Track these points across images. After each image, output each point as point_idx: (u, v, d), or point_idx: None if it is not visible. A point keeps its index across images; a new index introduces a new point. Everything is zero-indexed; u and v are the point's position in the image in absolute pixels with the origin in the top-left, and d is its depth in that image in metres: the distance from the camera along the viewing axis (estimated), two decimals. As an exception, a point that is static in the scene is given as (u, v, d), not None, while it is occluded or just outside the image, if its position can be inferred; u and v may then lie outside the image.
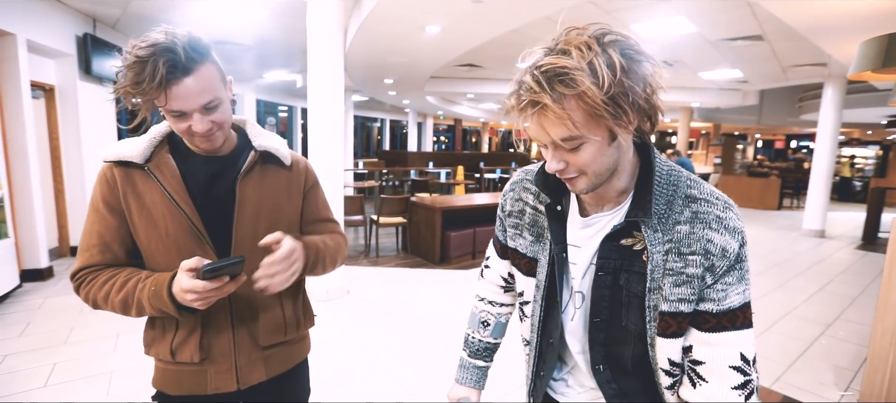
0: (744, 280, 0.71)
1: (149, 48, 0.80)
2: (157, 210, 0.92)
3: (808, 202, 7.66)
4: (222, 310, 0.97)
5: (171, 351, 0.96)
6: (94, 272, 0.93)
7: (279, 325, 1.05)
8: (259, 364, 1.03)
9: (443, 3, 3.75)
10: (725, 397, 0.70)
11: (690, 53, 6.43)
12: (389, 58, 6.34)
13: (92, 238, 0.93)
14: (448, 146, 24.50)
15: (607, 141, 0.66)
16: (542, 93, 0.60)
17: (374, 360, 2.84)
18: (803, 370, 2.87)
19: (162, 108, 0.85)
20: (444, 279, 4.65)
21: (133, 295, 0.88)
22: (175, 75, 0.81)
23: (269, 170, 1.02)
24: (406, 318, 3.53)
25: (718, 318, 0.70)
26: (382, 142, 20.62)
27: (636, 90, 0.61)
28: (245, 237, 0.96)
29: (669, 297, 0.70)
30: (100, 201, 0.93)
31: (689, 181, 0.74)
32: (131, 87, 0.81)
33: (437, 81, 9.58)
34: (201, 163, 0.97)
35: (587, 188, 0.71)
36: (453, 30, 4.61)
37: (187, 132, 0.89)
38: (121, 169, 0.93)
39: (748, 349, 0.70)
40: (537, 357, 0.90)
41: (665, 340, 0.73)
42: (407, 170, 12.25)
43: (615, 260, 0.76)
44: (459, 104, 15.43)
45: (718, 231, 0.69)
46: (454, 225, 5.40)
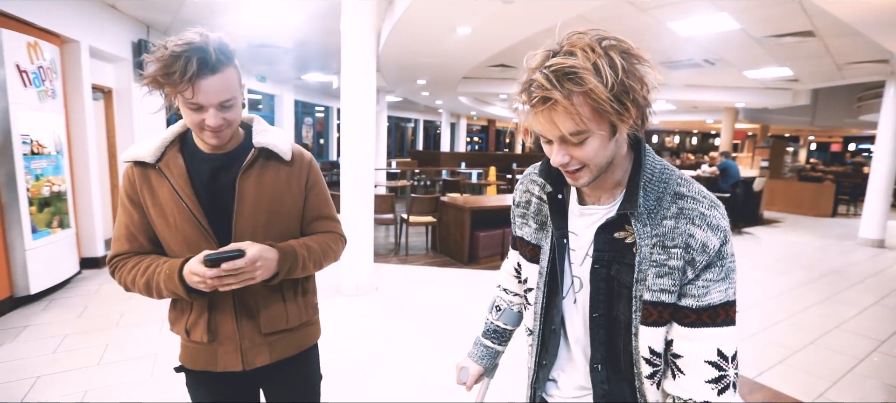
0: (727, 279, 0.74)
1: (185, 46, 0.89)
2: (167, 205, 1.01)
3: (865, 209, 7.15)
4: (227, 298, 1.06)
5: (186, 330, 1.07)
6: (124, 259, 1.05)
7: (280, 315, 1.12)
8: (263, 348, 1.11)
9: (473, 4, 3.77)
10: (698, 390, 0.74)
11: (734, 51, 6.15)
12: (422, 59, 6.42)
13: (121, 229, 1.06)
14: (481, 146, 24.46)
15: (609, 135, 0.71)
16: (553, 89, 0.65)
17: (400, 356, 2.90)
18: (850, 387, 2.70)
19: (184, 100, 0.93)
20: (471, 278, 4.67)
21: (153, 278, 0.99)
22: (203, 72, 0.90)
23: (270, 166, 1.09)
24: (433, 316, 3.58)
25: (698, 314, 0.73)
26: (416, 143, 20.83)
27: (636, 89, 0.66)
28: (245, 229, 1.04)
29: (652, 287, 0.74)
30: (124, 197, 1.05)
31: (679, 179, 0.78)
32: (162, 77, 0.90)
33: (469, 82, 9.61)
34: (206, 160, 1.05)
35: (588, 181, 0.76)
36: (484, 30, 4.62)
37: (199, 125, 0.97)
38: (138, 168, 1.04)
39: (727, 346, 0.73)
40: (540, 345, 0.93)
41: (647, 328, 0.76)
42: (439, 171, 12.34)
43: (609, 252, 0.80)
44: (493, 104, 15.38)
45: (700, 227, 0.72)
46: (483, 225, 5.40)
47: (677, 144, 24.35)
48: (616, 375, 0.83)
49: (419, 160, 14.76)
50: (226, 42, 0.95)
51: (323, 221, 1.19)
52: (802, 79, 7.79)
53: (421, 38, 5.14)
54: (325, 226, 1.19)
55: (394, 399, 2.42)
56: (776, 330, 3.52)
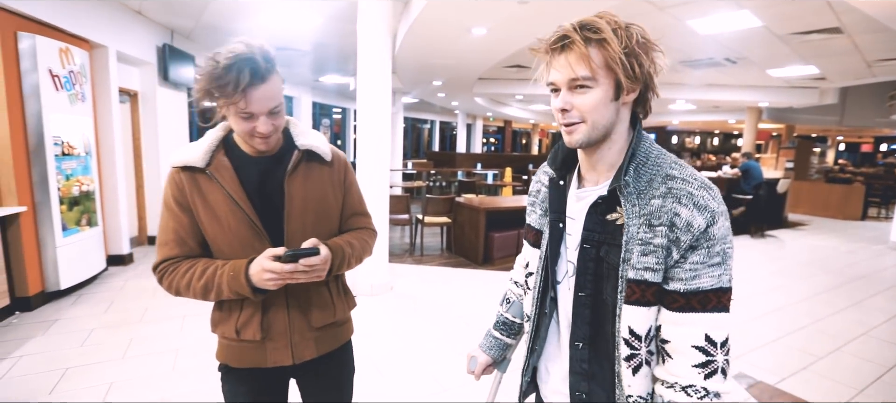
0: (719, 264, 0.72)
1: (234, 57, 0.92)
2: (220, 208, 1.04)
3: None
4: (279, 296, 1.10)
5: (236, 330, 1.09)
6: (174, 263, 1.06)
7: (329, 309, 1.17)
8: (310, 342, 1.15)
9: (488, 5, 3.78)
10: (684, 373, 0.74)
11: (756, 49, 5.99)
12: (437, 60, 6.44)
13: (168, 234, 1.06)
14: (498, 147, 24.37)
15: (611, 95, 0.75)
16: (574, 32, 0.73)
17: (414, 355, 2.92)
18: (877, 396, 2.60)
19: (236, 110, 0.96)
20: (486, 279, 4.66)
21: (213, 280, 1.02)
22: (254, 82, 0.93)
23: (313, 167, 1.13)
24: (447, 316, 3.59)
25: (687, 298, 0.73)
26: (432, 144, 20.89)
27: (644, 60, 0.74)
28: (296, 229, 1.08)
29: (636, 265, 0.75)
30: (172, 201, 1.06)
31: (673, 163, 0.78)
32: (216, 90, 0.93)
33: (485, 83, 9.60)
34: (252, 163, 1.08)
35: (583, 138, 0.78)
36: (499, 31, 4.62)
37: (250, 132, 1.00)
38: (187, 172, 1.05)
39: (717, 332, 0.72)
40: (533, 330, 0.94)
41: (629, 308, 0.76)
42: (454, 171, 12.35)
43: (599, 233, 0.80)
44: (509, 105, 15.33)
45: (687, 205, 0.72)
46: (498, 226, 5.39)
47: (698, 145, 23.83)
48: (598, 357, 0.82)
49: (435, 161, 14.81)
50: (268, 49, 0.97)
51: (359, 217, 1.24)
52: (830, 77, 7.54)
53: (436, 39, 5.17)
54: (360, 222, 1.24)
55: (407, 398, 2.44)
56: (799, 335, 3.42)
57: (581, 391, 0.84)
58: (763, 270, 5.36)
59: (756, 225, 7.50)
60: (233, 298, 1.04)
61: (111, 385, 2.43)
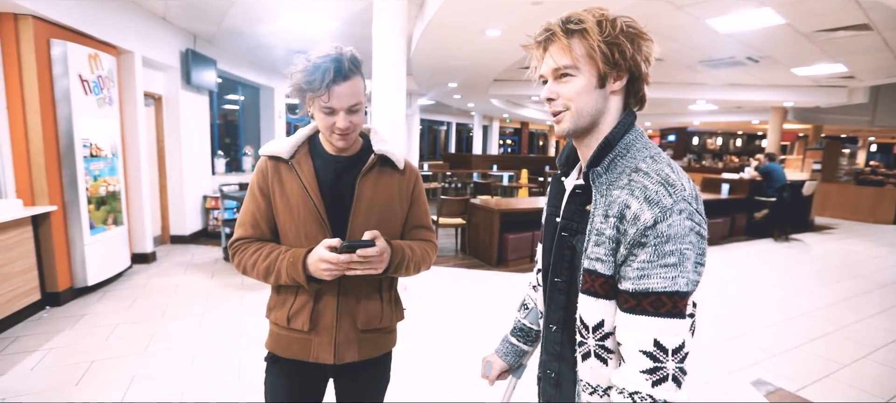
0: (675, 266, 0.69)
1: (323, 57, 1.02)
2: (293, 197, 1.12)
3: (931, 215, 6.59)
4: (331, 291, 1.14)
5: (288, 318, 1.15)
6: (246, 243, 1.16)
7: (376, 314, 1.19)
8: (354, 345, 1.18)
9: (502, 6, 3.79)
10: (631, 379, 0.71)
11: (780, 48, 5.83)
12: (452, 61, 6.47)
13: (246, 216, 1.17)
14: (514, 149, 24.26)
15: (595, 83, 0.77)
16: (555, 26, 0.77)
17: (426, 356, 2.94)
18: (905, 405, 2.51)
19: (319, 105, 1.05)
20: (500, 281, 4.66)
21: (274, 264, 1.09)
22: (337, 79, 1.02)
23: (385, 173, 1.19)
24: (460, 317, 3.60)
25: (637, 299, 0.71)
26: (448, 145, 20.93)
27: (628, 48, 0.75)
28: (359, 226, 1.13)
29: (590, 255, 0.76)
30: (255, 186, 1.16)
31: (648, 158, 0.77)
32: (305, 84, 1.03)
33: (501, 84, 9.58)
34: (331, 162, 1.16)
35: (570, 126, 0.80)
36: (513, 32, 4.61)
37: (330, 128, 1.07)
38: (272, 162, 1.15)
39: (668, 337, 0.69)
40: (545, 329, 0.94)
41: (582, 296, 0.77)
42: (470, 173, 12.35)
43: (576, 223, 0.81)
44: (526, 107, 15.25)
45: (638, 198, 0.71)
46: (513, 227, 5.37)
47: (719, 146, 23.25)
48: (571, 341, 0.84)
49: (451, 162, 14.82)
50: (356, 54, 1.07)
51: (421, 230, 1.28)
52: (859, 75, 7.28)
53: (451, 41, 5.19)
54: (422, 235, 1.28)
55: (419, 399, 2.46)
56: (823, 342, 3.31)
57: (552, 370, 0.88)
58: (786, 274, 5.21)
59: (780, 228, 7.28)
60: (289, 284, 1.11)
61: (133, 378, 2.51)
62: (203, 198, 6.00)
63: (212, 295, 3.84)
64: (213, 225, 6.00)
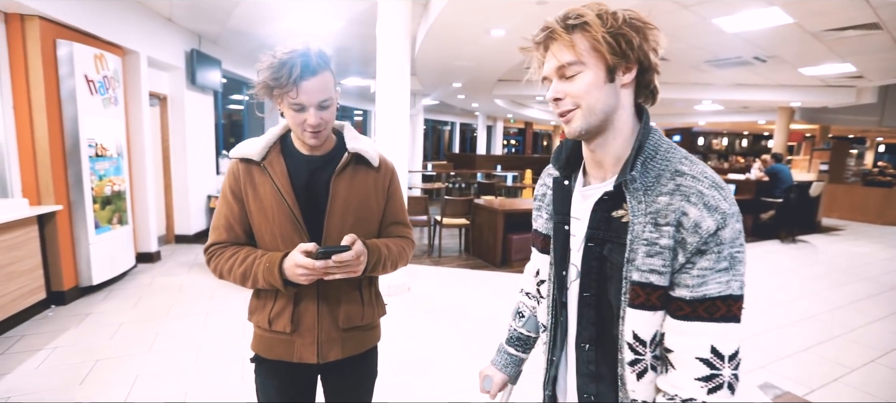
0: (728, 270, 0.68)
1: (289, 53, 1.00)
2: (267, 199, 1.10)
3: (941, 217, 6.51)
4: (310, 292, 1.13)
5: (269, 320, 1.14)
6: (221, 248, 1.14)
7: (357, 312, 1.19)
8: (337, 343, 1.17)
9: (507, 6, 3.77)
10: (686, 386, 0.69)
11: (788, 47, 5.77)
12: (456, 62, 6.46)
13: (220, 219, 1.14)
14: (518, 149, 24.21)
15: (604, 78, 0.73)
16: (554, 24, 0.74)
17: (430, 356, 2.92)
18: (917, 410, 2.47)
19: (288, 102, 1.03)
20: (503, 281, 4.64)
21: (251, 269, 1.08)
22: (305, 74, 1.00)
23: (360, 170, 1.17)
24: (464, 318, 3.59)
25: (693, 306, 0.68)
26: (452, 145, 20.91)
27: (634, 37, 0.71)
28: (335, 227, 1.12)
29: (641, 267, 0.71)
30: (227, 190, 1.14)
31: (683, 158, 0.74)
32: (271, 81, 1.01)
33: (505, 84, 9.55)
34: (304, 162, 1.14)
35: (581, 125, 0.75)
36: (518, 32, 4.59)
37: (301, 125, 1.05)
38: (244, 164, 1.13)
39: (724, 343, 0.68)
40: (552, 341, 0.91)
41: (633, 311, 0.72)
42: (474, 173, 12.33)
43: (604, 231, 0.77)
44: (530, 107, 15.21)
45: (696, 205, 0.68)
46: (516, 228, 5.35)
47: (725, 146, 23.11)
48: (606, 359, 0.79)
49: (455, 162, 14.81)
50: (324, 49, 1.05)
51: (398, 226, 1.27)
52: (868, 75, 7.20)
53: (455, 41, 5.18)
54: (399, 231, 1.27)
55: (422, 399, 2.45)
56: (832, 345, 3.27)
57: (589, 392, 0.82)
58: (793, 276, 5.16)
59: (787, 229, 7.21)
60: (267, 288, 1.10)
61: (137, 377, 2.52)
62: (207, 197, 6.02)
63: (215, 294, 3.85)
64: (218, 225, 6.01)
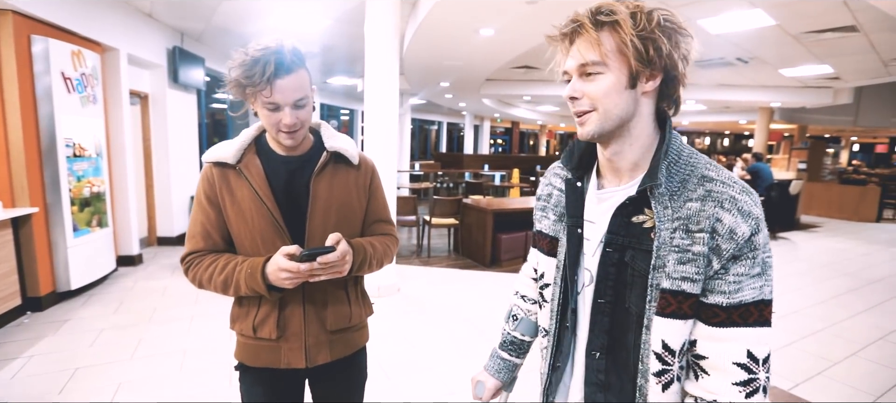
0: (761, 275, 0.68)
1: (262, 50, 0.96)
2: (245, 204, 1.06)
3: (914, 214, 6.73)
4: (296, 296, 1.10)
5: (253, 328, 1.10)
6: (199, 256, 1.08)
7: (345, 314, 1.16)
8: (325, 346, 1.14)
9: (497, 5, 3.76)
10: (724, 391, 0.68)
11: (769, 49, 5.91)
12: (445, 61, 6.44)
13: (196, 227, 1.09)
14: (505, 149, 24.31)
15: (626, 83, 0.71)
16: (584, 18, 0.70)
17: (421, 358, 2.90)
18: None
19: (262, 101, 0.99)
20: (493, 281, 4.64)
21: (232, 276, 1.03)
22: (279, 73, 0.97)
23: (340, 169, 1.14)
24: (454, 319, 3.57)
25: (728, 313, 0.68)
26: (439, 145, 20.90)
27: (664, 44, 0.68)
28: (317, 229, 1.09)
29: (672, 274, 0.69)
30: (202, 196, 1.09)
31: (708, 164, 0.73)
32: (244, 79, 0.96)
33: (492, 84, 9.57)
34: (281, 163, 1.10)
35: (595, 129, 0.73)
36: (507, 32, 4.60)
37: (276, 125, 1.01)
38: (218, 168, 1.08)
39: (759, 348, 0.67)
40: (555, 346, 0.88)
41: (663, 320, 0.70)
42: (461, 173, 12.33)
43: (623, 237, 0.75)
44: (517, 106, 15.28)
45: (730, 211, 0.67)
46: (506, 227, 5.36)
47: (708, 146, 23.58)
48: (615, 367, 0.78)
49: (442, 162, 14.79)
50: (298, 47, 1.02)
51: (382, 224, 1.25)
52: (844, 76, 7.41)
53: (444, 40, 5.16)
54: (382, 229, 1.25)
55: (413, 401, 2.43)
56: (814, 339, 3.35)
57: (596, 401, 0.80)
58: (776, 273, 5.18)
59: (768, 227, 7.38)
60: (250, 295, 1.06)
61: (120, 386, 2.44)
62: (190, 198, 5.88)
63: (200, 298, 3.76)
64: (202, 227, 5.88)
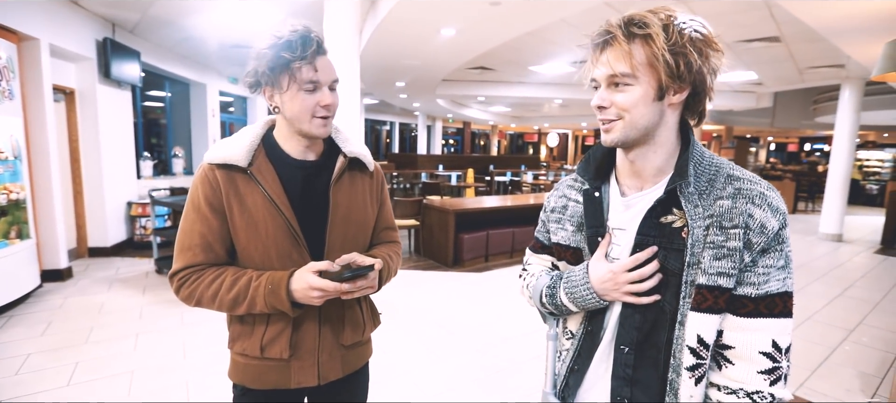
0: (785, 267, 0.72)
1: (301, 30, 0.92)
2: (258, 212, 0.96)
3: (824, 206, 7.55)
4: (313, 312, 1.02)
5: (261, 347, 1.00)
6: (198, 271, 0.96)
7: (359, 326, 1.11)
8: (338, 362, 1.08)
9: (460, 5, 3.76)
10: (750, 380, 0.71)
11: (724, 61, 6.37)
12: (403, 60, 6.36)
13: (194, 238, 0.96)
14: (457, 149, 24.50)
15: (654, 95, 0.72)
16: (617, 29, 0.72)
17: (392, 363, 2.83)
18: (828, 376, 2.82)
19: (301, 81, 0.92)
20: (458, 281, 4.64)
21: (245, 293, 0.94)
22: (321, 51, 0.95)
23: (356, 176, 1.08)
24: (422, 321, 3.52)
25: (756, 303, 0.71)
26: (392, 145, 20.67)
27: (694, 59, 0.70)
28: (336, 239, 1.02)
29: (708, 270, 0.71)
30: (202, 202, 0.96)
31: (731, 165, 0.77)
32: (287, 53, 0.89)
33: (448, 84, 9.60)
34: (296, 168, 1.01)
35: (620, 138, 0.75)
36: (469, 32, 4.61)
37: (312, 109, 0.94)
38: (223, 171, 0.96)
39: (782, 337, 0.71)
40: (577, 351, 0.89)
41: (698, 315, 0.72)
42: (417, 173, 12.27)
43: (654, 237, 0.77)
44: (469, 107, 15.44)
45: (761, 206, 0.70)
46: (467, 227, 5.39)
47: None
48: (643, 363, 0.79)
49: (396, 163, 14.64)
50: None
51: (389, 232, 1.20)
52: (766, 82, 8.17)
53: (404, 39, 5.09)
54: (390, 236, 1.21)
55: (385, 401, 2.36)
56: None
57: (623, 396, 0.81)
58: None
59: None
60: (267, 313, 0.96)
61: (57, 417, 2.17)
62: (127, 204, 5.39)
63: (145, 313, 3.44)
64: (141, 235, 5.41)
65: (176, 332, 3.11)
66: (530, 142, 26.75)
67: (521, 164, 15.38)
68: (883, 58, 2.54)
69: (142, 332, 3.10)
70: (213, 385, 2.46)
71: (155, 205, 4.44)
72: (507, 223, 5.74)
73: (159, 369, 2.63)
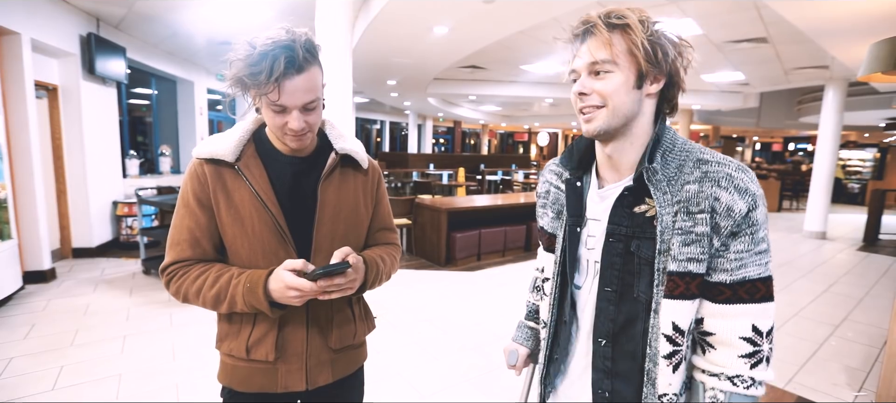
0: (765, 252, 0.72)
1: (271, 44, 0.83)
2: (244, 208, 0.94)
3: (808, 204, 7.69)
4: (299, 313, 0.99)
5: (246, 348, 0.98)
6: (186, 267, 0.95)
7: (350, 331, 1.07)
8: (327, 366, 1.04)
9: (454, 3, 3.74)
10: (731, 364, 0.73)
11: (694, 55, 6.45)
12: (395, 58, 6.33)
13: (182, 233, 0.95)
14: (447, 148, 24.50)
15: (633, 83, 0.74)
16: (596, 19, 0.74)
17: (386, 363, 2.81)
18: (815, 371, 2.87)
19: (267, 101, 0.87)
20: (450, 280, 4.63)
21: (226, 291, 0.91)
22: (289, 72, 0.84)
23: (348, 173, 1.05)
24: (415, 320, 3.51)
25: (733, 289, 0.72)
26: (382, 144, 20.59)
27: (669, 51, 0.74)
28: (324, 238, 0.99)
29: (678, 256, 0.72)
30: (191, 197, 0.94)
31: (702, 150, 0.77)
32: (248, 78, 0.84)
33: (439, 83, 9.58)
34: (285, 164, 0.99)
35: (602, 125, 0.76)
36: (461, 30, 4.60)
37: (281, 128, 0.90)
38: (211, 166, 0.95)
39: (763, 321, 0.72)
40: (552, 338, 0.91)
41: (671, 302, 0.73)
42: (408, 172, 12.24)
43: (626, 227, 0.78)
44: (460, 106, 15.44)
45: (726, 189, 0.70)
46: (459, 226, 5.38)
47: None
48: (622, 354, 0.80)
49: (387, 162, 14.58)
50: (312, 39, 0.90)
51: (386, 232, 1.17)
52: (753, 82, 8.29)
53: (396, 37, 5.06)
54: (387, 237, 1.16)
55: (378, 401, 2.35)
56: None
57: (603, 388, 0.82)
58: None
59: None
60: (248, 312, 0.93)
61: (42, 422, 2.11)
62: (113, 204, 5.28)
63: (133, 314, 3.37)
64: (128, 235, 5.30)
65: (165, 334, 3.06)
66: (520, 142, 26.87)
67: (512, 163, 15.43)
68: (868, 58, 2.59)
69: (129, 334, 3.04)
70: (203, 388, 2.42)
71: (142, 205, 4.36)
72: (498, 222, 5.76)
73: (148, 372, 2.58)
